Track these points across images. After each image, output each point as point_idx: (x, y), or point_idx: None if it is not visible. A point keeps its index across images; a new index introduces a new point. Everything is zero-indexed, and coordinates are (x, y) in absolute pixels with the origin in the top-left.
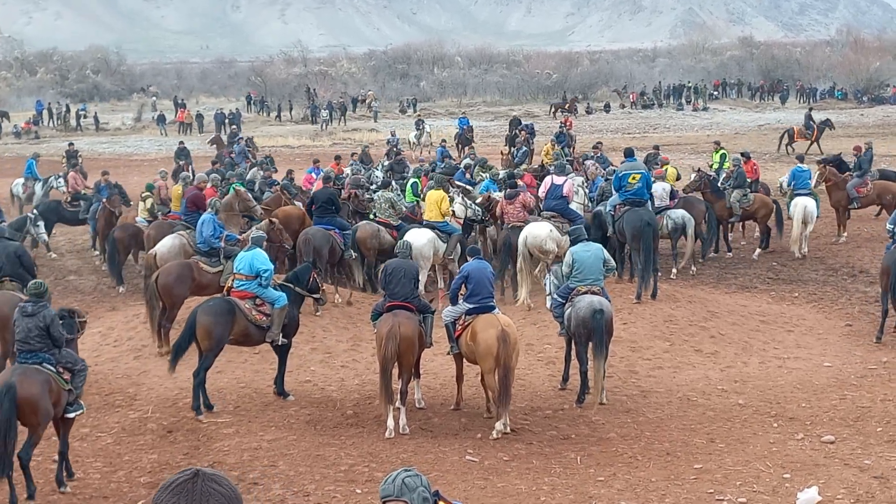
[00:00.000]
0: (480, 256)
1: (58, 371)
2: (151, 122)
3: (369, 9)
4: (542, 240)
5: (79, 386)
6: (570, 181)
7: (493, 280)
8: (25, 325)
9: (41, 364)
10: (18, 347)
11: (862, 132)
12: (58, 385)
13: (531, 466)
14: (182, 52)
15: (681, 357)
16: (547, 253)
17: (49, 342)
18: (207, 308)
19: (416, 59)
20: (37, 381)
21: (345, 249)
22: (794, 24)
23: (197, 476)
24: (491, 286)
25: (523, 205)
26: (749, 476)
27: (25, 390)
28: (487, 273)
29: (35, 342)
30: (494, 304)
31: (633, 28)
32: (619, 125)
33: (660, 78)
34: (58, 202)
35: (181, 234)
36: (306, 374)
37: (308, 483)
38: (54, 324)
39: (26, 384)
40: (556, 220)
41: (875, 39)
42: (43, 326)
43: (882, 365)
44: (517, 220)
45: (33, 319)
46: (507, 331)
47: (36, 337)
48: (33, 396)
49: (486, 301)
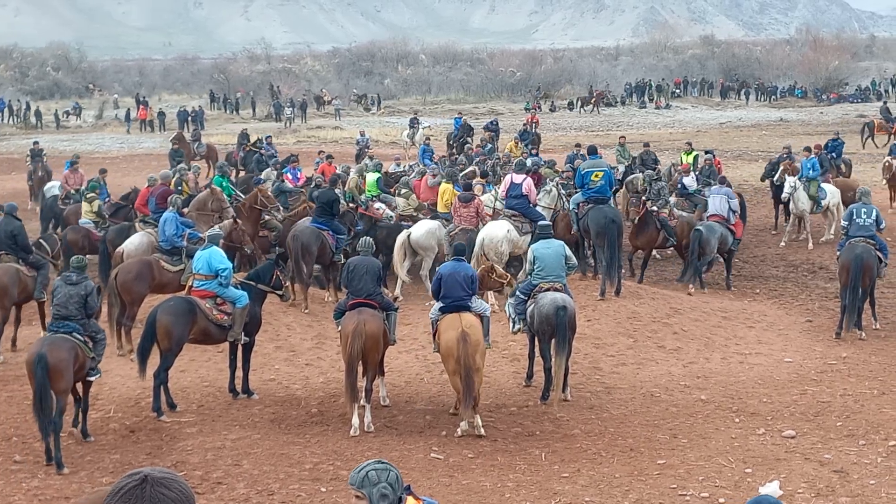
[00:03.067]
0: (461, 257)
1: (84, 340)
2: (114, 120)
3: (333, 6)
4: (499, 241)
5: (100, 353)
6: (529, 180)
7: (473, 277)
8: (67, 293)
9: (70, 333)
10: (56, 312)
11: (822, 130)
12: (83, 353)
13: (496, 463)
14: (144, 48)
15: (644, 353)
16: (502, 255)
17: (84, 311)
18: (167, 307)
19: (381, 57)
20: (64, 349)
21: (335, 252)
22: (754, 23)
23: (145, 481)
24: (465, 287)
25: (477, 210)
26: (711, 471)
27: (55, 357)
28: (461, 274)
29: (73, 308)
30: (467, 304)
31: (595, 26)
32: (583, 123)
33: (623, 76)
34: (54, 199)
35: (149, 232)
36: (270, 372)
37: (272, 482)
38: (93, 295)
39: (55, 353)
40: (516, 219)
41: (834, 38)
42: (84, 295)
43: (842, 360)
44: (469, 224)
45: (75, 288)
46: (468, 332)
47: (75, 304)
48: (62, 363)
49: (457, 301)
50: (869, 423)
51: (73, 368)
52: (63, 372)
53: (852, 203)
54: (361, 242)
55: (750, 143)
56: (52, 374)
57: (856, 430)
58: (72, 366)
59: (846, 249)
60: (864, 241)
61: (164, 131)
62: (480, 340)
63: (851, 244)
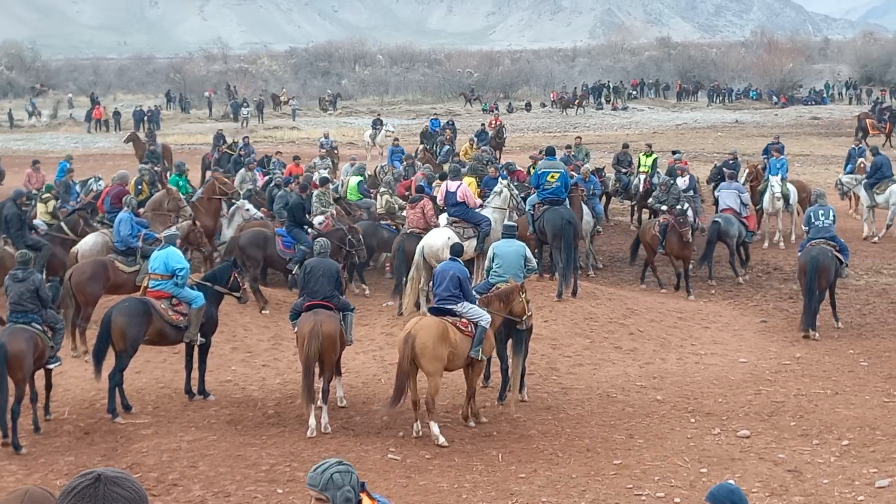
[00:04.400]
0: (456, 257)
1: (43, 329)
2: (69, 119)
3: (290, 6)
4: (438, 249)
5: (58, 342)
6: (464, 185)
7: (462, 279)
8: (17, 290)
9: (30, 324)
10: (12, 309)
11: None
12: (43, 342)
13: (453, 464)
14: (99, 47)
15: (601, 354)
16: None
17: (38, 303)
18: (122, 308)
19: (338, 57)
20: (23, 339)
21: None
22: (709, 26)
23: (99, 480)
24: (454, 287)
25: (423, 211)
26: (667, 471)
27: (14, 347)
28: (450, 273)
29: (27, 304)
30: (450, 307)
31: (553, 28)
32: (540, 124)
33: (580, 77)
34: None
35: (104, 233)
36: (227, 373)
37: (229, 483)
38: (42, 287)
39: (14, 342)
40: (457, 225)
41: (788, 41)
42: (33, 289)
43: (796, 360)
44: (416, 227)
45: (24, 284)
46: (415, 334)
47: (28, 300)
48: (20, 353)
49: (442, 303)
50: (822, 422)
51: (31, 357)
52: (22, 361)
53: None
54: (318, 244)
55: (706, 144)
56: (11, 363)
57: (809, 430)
58: (31, 355)
59: (804, 252)
60: (823, 243)
61: (120, 131)
62: (429, 345)
63: (809, 246)
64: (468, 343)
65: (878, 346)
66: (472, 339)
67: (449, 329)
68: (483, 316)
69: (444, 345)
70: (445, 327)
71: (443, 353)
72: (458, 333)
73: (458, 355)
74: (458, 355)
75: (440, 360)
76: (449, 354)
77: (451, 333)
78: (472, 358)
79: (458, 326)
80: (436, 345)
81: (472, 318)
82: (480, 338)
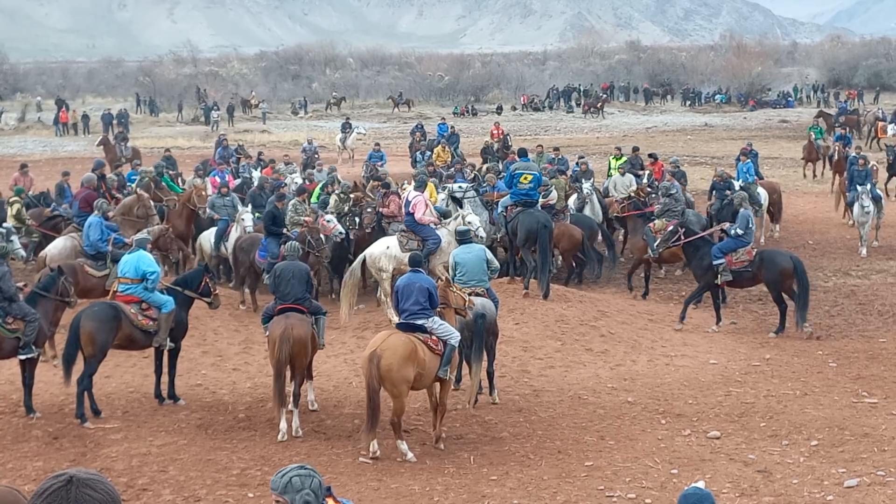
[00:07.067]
0: (418, 268)
1: (4, 321)
2: (37, 123)
3: (260, 9)
4: (376, 257)
5: (29, 334)
6: (419, 196)
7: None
8: None
9: None
10: None
11: (745, 135)
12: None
13: (424, 467)
14: (67, 51)
15: (572, 356)
16: (382, 271)
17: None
18: (91, 313)
19: (308, 61)
20: None
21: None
22: (679, 29)
23: (71, 482)
24: (423, 299)
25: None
26: (638, 472)
27: None
28: (416, 285)
29: None
30: (420, 322)
31: (523, 31)
32: (511, 127)
33: (550, 81)
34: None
35: (73, 236)
36: (197, 377)
37: (199, 488)
38: (4, 279)
39: None
40: (405, 234)
41: (757, 45)
42: None
43: (765, 362)
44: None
45: None
46: (381, 354)
47: None
48: None
49: (412, 318)
50: (792, 423)
51: None
52: None
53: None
54: (288, 247)
55: (676, 147)
56: None
57: (779, 431)
58: None
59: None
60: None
61: (89, 134)
62: (394, 366)
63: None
64: (437, 362)
65: (847, 347)
66: (441, 359)
67: (418, 347)
68: (453, 334)
69: (410, 365)
70: (414, 346)
71: (409, 374)
72: (427, 352)
73: (425, 375)
74: (426, 375)
75: (406, 381)
76: (416, 375)
77: (420, 352)
78: (441, 378)
79: (429, 344)
80: (401, 366)
81: (443, 335)
82: (449, 357)
